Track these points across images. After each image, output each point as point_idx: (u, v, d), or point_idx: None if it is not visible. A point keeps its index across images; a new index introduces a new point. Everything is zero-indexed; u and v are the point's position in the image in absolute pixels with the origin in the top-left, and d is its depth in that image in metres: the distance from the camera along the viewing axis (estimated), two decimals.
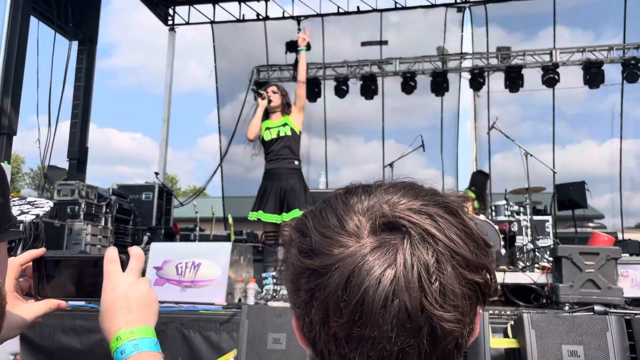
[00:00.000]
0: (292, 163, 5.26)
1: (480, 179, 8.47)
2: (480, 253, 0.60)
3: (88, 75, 9.12)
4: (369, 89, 10.70)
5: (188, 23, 11.74)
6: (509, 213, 7.00)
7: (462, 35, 11.24)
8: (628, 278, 4.30)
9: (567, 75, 10.24)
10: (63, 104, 8.17)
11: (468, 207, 6.61)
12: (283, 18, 11.29)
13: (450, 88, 10.79)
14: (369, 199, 0.62)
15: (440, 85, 10.59)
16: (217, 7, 11.45)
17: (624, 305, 3.94)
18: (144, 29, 62.12)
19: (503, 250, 6.14)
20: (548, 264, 4.90)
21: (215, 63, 12.18)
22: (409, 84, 10.55)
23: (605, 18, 11.52)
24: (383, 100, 11.56)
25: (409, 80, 10.56)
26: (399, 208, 0.60)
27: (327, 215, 0.62)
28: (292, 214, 4.97)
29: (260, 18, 11.35)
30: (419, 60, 10.66)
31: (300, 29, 10.42)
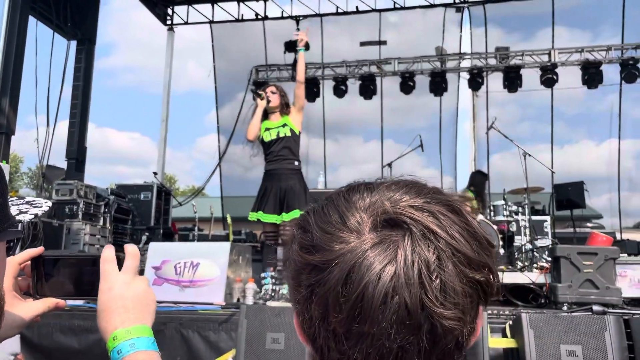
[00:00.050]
0: (292, 164, 5.25)
1: (479, 179, 8.46)
2: (483, 252, 0.60)
3: (87, 75, 9.11)
4: (368, 89, 10.69)
5: (187, 23, 11.73)
6: (508, 213, 7.00)
7: (460, 36, 11.24)
8: (626, 278, 4.31)
9: (565, 76, 10.25)
10: (61, 104, 8.18)
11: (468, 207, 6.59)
12: (282, 18, 11.29)
13: (449, 88, 10.79)
14: (371, 196, 0.62)
15: (439, 85, 10.59)
16: (215, 7, 11.45)
17: (622, 305, 3.94)
18: (143, 29, 62.15)
19: (501, 250, 6.15)
20: (546, 264, 4.90)
21: (214, 63, 12.17)
22: (408, 84, 10.55)
23: (604, 18, 11.53)
24: (382, 100, 11.56)
25: (408, 80, 10.55)
26: (401, 205, 0.59)
27: (328, 212, 0.62)
28: (292, 215, 4.97)
29: (259, 18, 11.34)
30: (418, 60, 10.66)
31: (299, 29, 10.41)
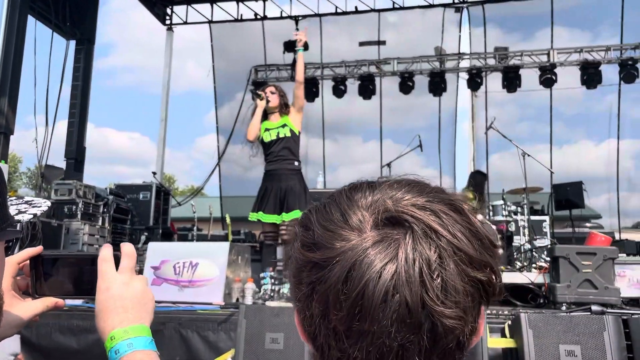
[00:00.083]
0: (292, 164, 5.26)
1: (479, 179, 8.47)
2: (485, 251, 0.59)
3: (86, 75, 9.11)
4: (367, 89, 10.69)
5: (186, 23, 11.73)
6: (507, 213, 7.00)
7: (459, 36, 11.25)
8: (625, 278, 4.31)
9: (564, 76, 10.26)
10: (60, 104, 8.18)
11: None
12: (281, 18, 11.29)
13: (448, 88, 10.79)
14: (373, 195, 0.62)
15: (438, 86, 10.59)
16: (214, 6, 11.44)
17: (621, 305, 3.95)
18: (142, 29, 62.12)
19: (500, 250, 6.15)
20: (545, 264, 4.90)
21: (213, 63, 12.17)
22: (407, 84, 10.55)
23: (603, 19, 11.55)
24: (381, 100, 11.56)
25: (407, 80, 10.55)
26: (403, 203, 0.59)
27: (330, 210, 0.62)
28: (292, 215, 4.98)
29: (258, 18, 11.34)
30: (417, 60, 10.67)
31: (298, 29, 10.41)
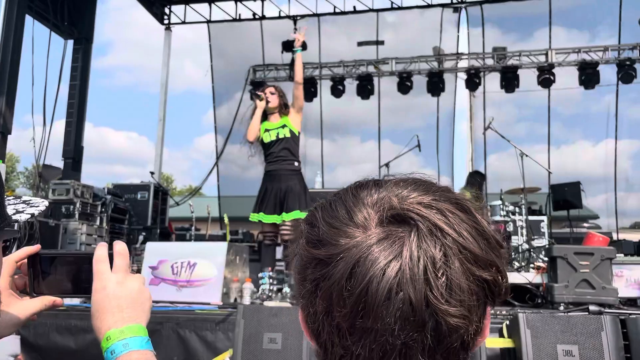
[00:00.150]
0: (292, 164, 5.26)
1: (477, 179, 8.48)
2: (491, 251, 0.59)
3: (83, 74, 9.08)
4: (365, 89, 10.69)
5: (184, 22, 11.71)
6: (505, 213, 7.00)
7: (458, 36, 11.25)
8: (622, 278, 4.32)
9: (562, 76, 10.27)
10: (58, 103, 8.14)
11: None
12: (279, 17, 11.28)
13: (446, 88, 10.79)
14: (379, 192, 0.62)
15: (436, 86, 10.59)
16: (213, 6, 11.43)
17: (619, 305, 3.96)
18: (140, 28, 61.99)
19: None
20: (543, 264, 4.90)
21: (211, 62, 12.15)
22: (405, 84, 10.55)
23: (601, 19, 11.57)
24: (379, 100, 11.56)
25: (405, 80, 10.55)
26: (408, 201, 0.59)
27: (336, 207, 0.62)
28: (292, 215, 5.00)
29: (257, 17, 11.33)
30: (415, 60, 10.66)
31: (296, 29, 10.41)
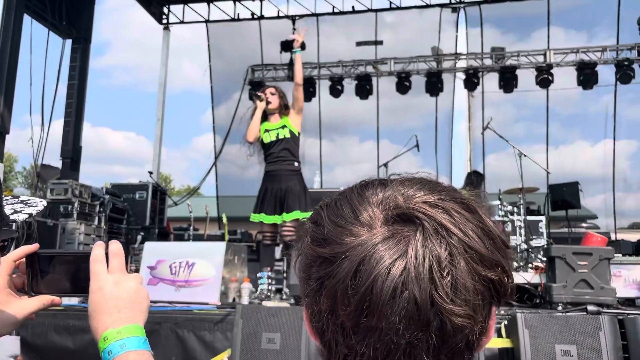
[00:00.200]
0: (291, 165, 5.27)
1: (476, 180, 8.49)
2: (497, 251, 0.59)
3: (82, 74, 9.07)
4: (364, 89, 10.69)
5: (182, 22, 11.70)
6: (503, 213, 7.00)
7: (456, 36, 11.25)
8: (621, 278, 4.32)
9: (561, 76, 10.28)
10: (56, 103, 8.13)
11: None
12: (278, 17, 11.27)
13: (445, 88, 10.79)
14: (385, 191, 0.62)
15: (435, 86, 10.60)
16: (211, 6, 11.42)
17: (617, 305, 3.96)
18: (138, 28, 61.92)
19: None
20: (541, 264, 4.91)
21: (210, 62, 12.15)
22: (404, 84, 10.55)
23: (599, 19, 11.59)
24: (378, 100, 11.56)
25: (404, 80, 10.56)
26: (414, 201, 0.59)
27: (341, 206, 0.62)
28: (292, 215, 5.01)
29: (255, 17, 11.32)
30: (414, 61, 10.67)
31: (295, 29, 10.40)
